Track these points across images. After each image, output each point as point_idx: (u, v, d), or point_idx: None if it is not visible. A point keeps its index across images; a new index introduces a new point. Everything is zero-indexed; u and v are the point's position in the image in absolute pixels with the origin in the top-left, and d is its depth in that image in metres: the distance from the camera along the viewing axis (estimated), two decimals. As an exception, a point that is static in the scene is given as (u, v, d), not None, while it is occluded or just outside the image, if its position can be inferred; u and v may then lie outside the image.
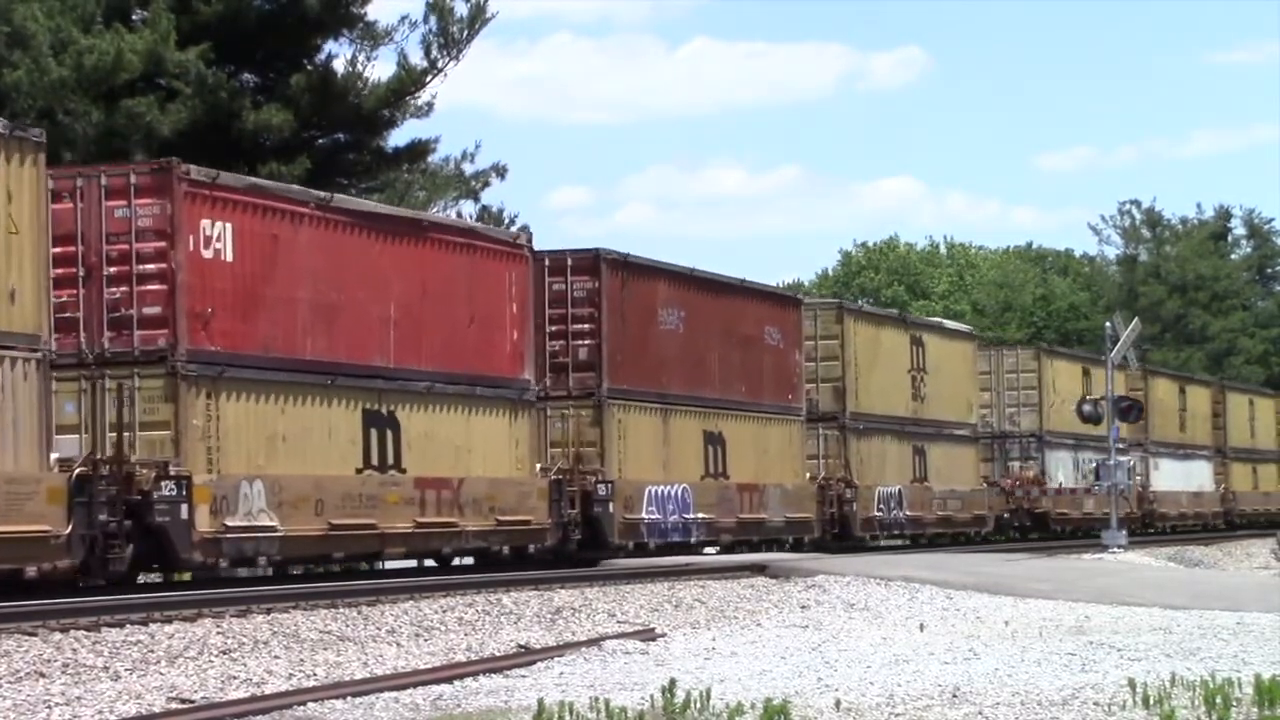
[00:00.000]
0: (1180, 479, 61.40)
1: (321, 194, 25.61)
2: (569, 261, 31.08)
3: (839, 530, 38.80)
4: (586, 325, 31.04)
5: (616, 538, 30.69)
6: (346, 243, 25.45)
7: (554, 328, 30.90)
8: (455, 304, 27.57)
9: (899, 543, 44.37)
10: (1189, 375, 70.67)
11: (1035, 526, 50.26)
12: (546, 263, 30.71)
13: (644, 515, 31.66)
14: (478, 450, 27.87)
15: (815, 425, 38.86)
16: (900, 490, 41.91)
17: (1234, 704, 11.98)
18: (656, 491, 32.17)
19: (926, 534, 43.43)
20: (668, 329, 33.00)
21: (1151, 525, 57.70)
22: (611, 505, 30.48)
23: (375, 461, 25.70)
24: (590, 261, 31.12)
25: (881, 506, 40.81)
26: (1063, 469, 52.10)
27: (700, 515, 33.41)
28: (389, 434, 26.02)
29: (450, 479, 27.00)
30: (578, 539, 29.88)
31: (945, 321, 47.73)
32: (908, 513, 41.99)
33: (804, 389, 38.00)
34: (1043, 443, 50.99)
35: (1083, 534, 51.47)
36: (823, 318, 39.66)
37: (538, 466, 29.32)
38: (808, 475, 38.09)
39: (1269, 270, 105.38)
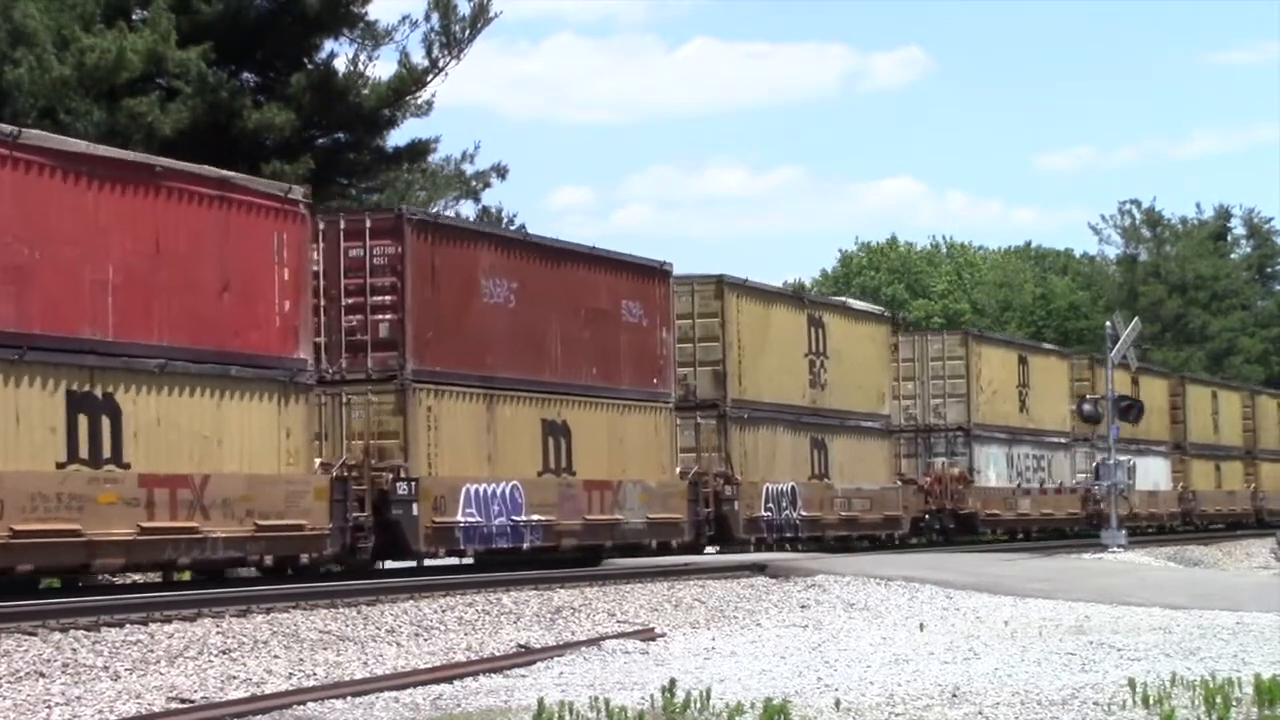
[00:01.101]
0: (1135, 478, 55.49)
1: (9, 128, 21.38)
2: (368, 223, 27.09)
3: (717, 533, 34.26)
4: (388, 297, 26.77)
5: (422, 544, 26.42)
6: (46, 189, 21.11)
7: (351, 300, 26.78)
8: (201, 267, 23.22)
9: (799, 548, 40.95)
10: (1144, 365, 64.84)
11: (961, 529, 45.37)
12: (343, 225, 27.04)
13: (459, 518, 27.03)
14: (232, 442, 23.45)
15: (692, 414, 34.26)
16: (794, 488, 36.86)
17: (1234, 704, 11.98)
18: (477, 490, 27.38)
19: (826, 537, 38.16)
20: (494, 303, 28.29)
21: (1100, 528, 53.97)
22: (416, 506, 26.15)
23: (84, 455, 21.30)
24: (392, 223, 26.97)
25: (770, 506, 35.86)
26: (994, 466, 47.39)
27: (535, 517, 28.57)
28: (105, 421, 21.69)
29: (190, 476, 22.55)
30: (368, 546, 25.72)
31: (851, 301, 42.78)
32: (803, 513, 36.96)
33: (674, 373, 33.01)
34: (971, 437, 45.98)
35: (1023, 536, 48.95)
36: (701, 293, 34.76)
37: (316, 462, 25.06)
38: (678, 470, 32.93)
39: (1269, 270, 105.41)
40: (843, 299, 41.35)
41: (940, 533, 44.75)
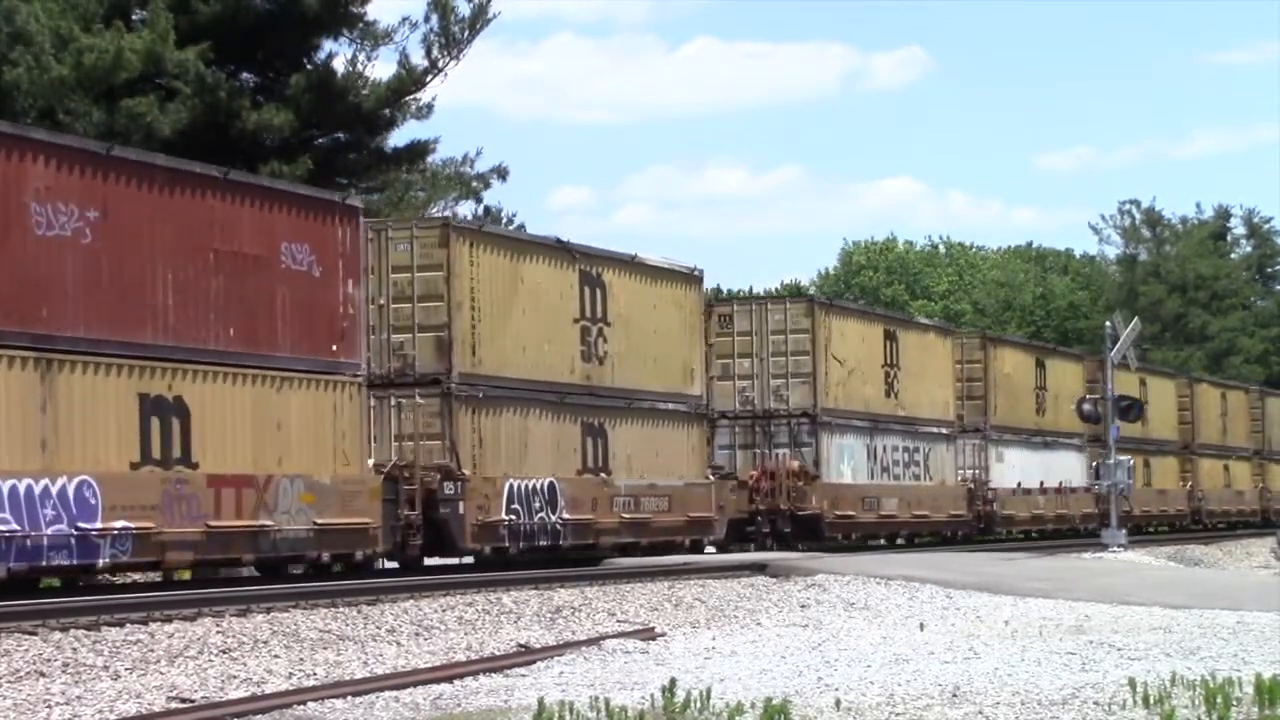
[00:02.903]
0: (1035, 473, 50.25)
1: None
2: None
3: (432, 541, 27.35)
4: None
5: None
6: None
7: None
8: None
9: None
10: (1049, 346, 59.79)
11: (802, 533, 37.88)
12: None
13: None
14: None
15: (408, 391, 27.55)
16: (554, 484, 29.61)
17: (1234, 703, 11.97)
18: (18, 489, 20.53)
19: (602, 544, 31.24)
20: (58, 236, 21.41)
21: (990, 531, 47.16)
22: None
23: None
24: None
25: (517, 507, 28.69)
26: (849, 459, 40.26)
27: (121, 524, 21.66)
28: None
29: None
30: None
31: (646, 256, 33.73)
32: (566, 515, 29.78)
33: (367, 339, 26.24)
34: (818, 424, 38.80)
35: (888, 542, 42.92)
36: (422, 241, 28.13)
37: None
38: (370, 463, 26.12)
39: (1269, 270, 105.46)
40: (633, 253, 33.02)
41: (773, 537, 37.55)
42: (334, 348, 25.50)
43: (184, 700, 13.41)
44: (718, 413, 37.85)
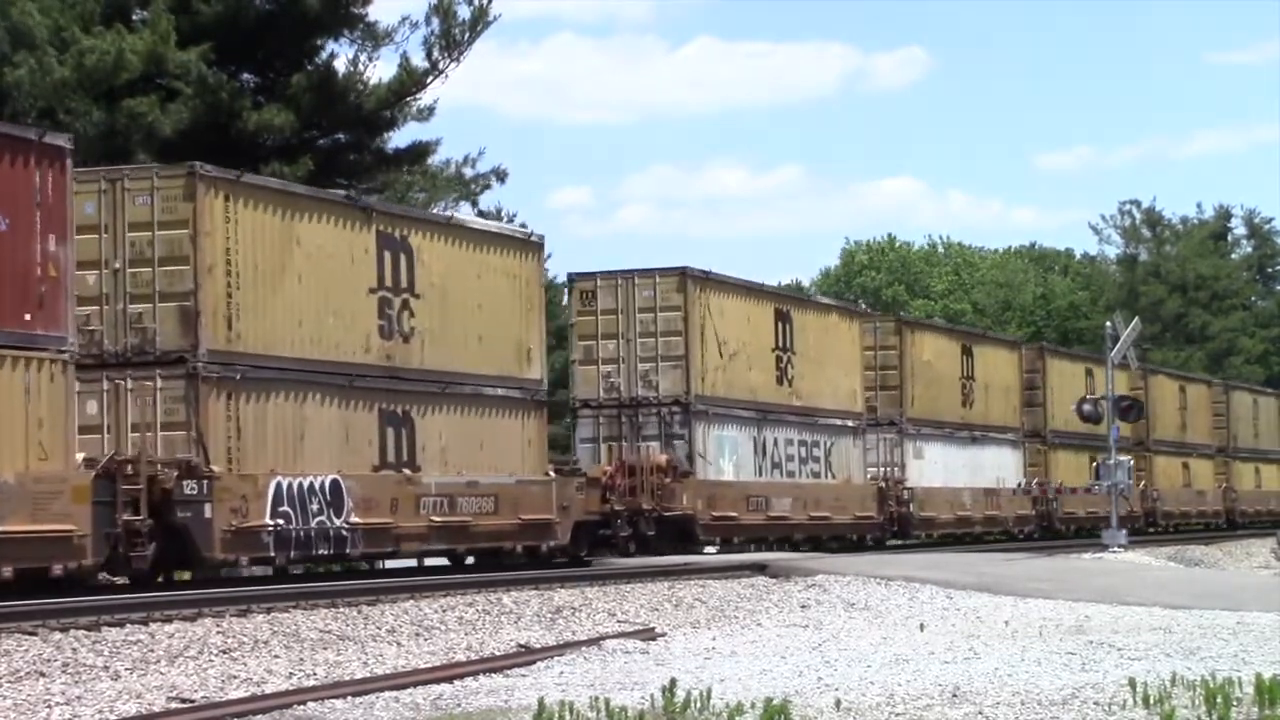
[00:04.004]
0: (961, 471, 45.92)
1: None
2: None
3: (173, 550, 23.18)
4: None
5: None
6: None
7: None
8: None
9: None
10: (977, 332, 54.88)
11: (670, 536, 33.59)
12: None
13: None
14: None
15: (148, 371, 23.49)
16: (339, 483, 25.27)
17: (1234, 703, 11.97)
18: None
19: (403, 551, 27.41)
20: None
21: (906, 534, 43.21)
22: None
23: None
24: None
25: (287, 510, 24.33)
26: (730, 453, 35.79)
27: None
28: None
29: None
30: None
31: (468, 218, 30.29)
32: (356, 519, 25.41)
33: (70, 305, 21.56)
34: (691, 414, 34.32)
35: (780, 545, 36.92)
36: (164, 194, 23.86)
37: None
38: (80, 457, 21.70)
39: (1269, 270, 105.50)
40: (450, 214, 28.96)
41: (633, 541, 33.05)
42: (27, 317, 21.02)
43: (184, 700, 13.41)
44: (579, 402, 34.49)
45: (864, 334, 42.33)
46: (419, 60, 40.69)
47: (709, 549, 35.03)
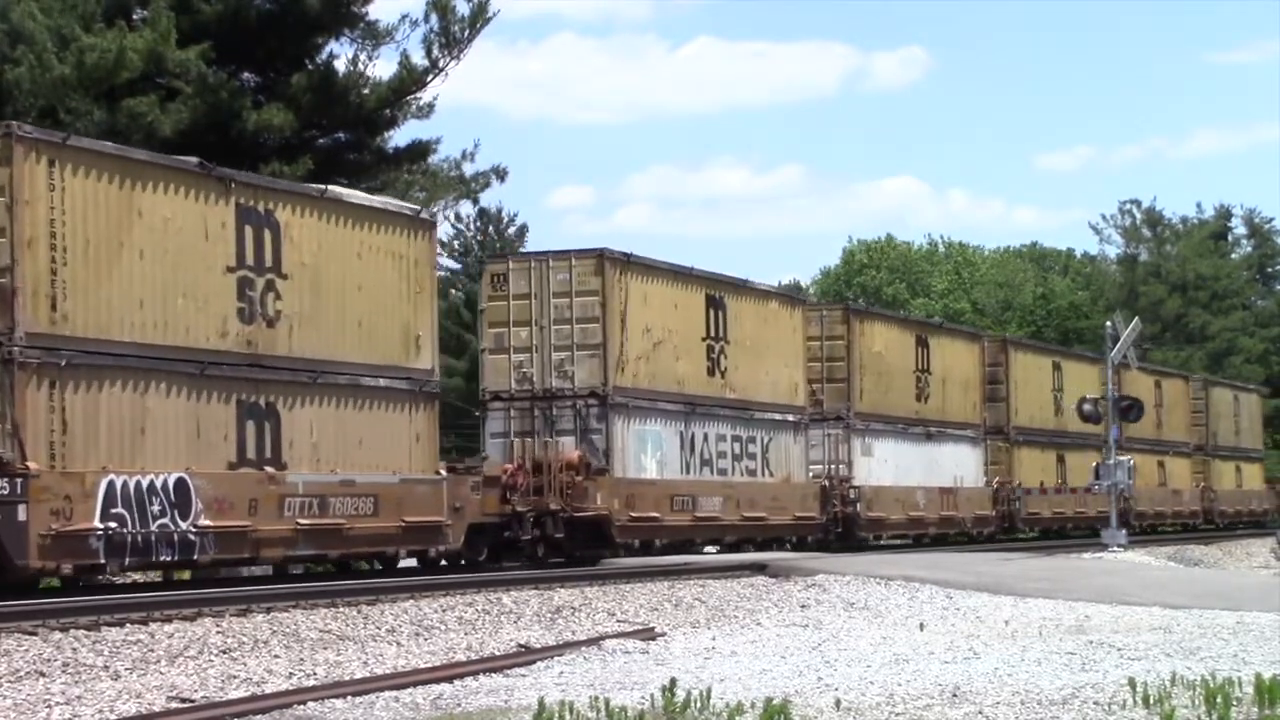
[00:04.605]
0: (915, 469, 43.46)
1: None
2: None
3: None
4: None
5: None
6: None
7: None
8: None
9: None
10: (934, 323, 51.95)
11: (582, 539, 30.87)
12: None
13: None
14: None
15: None
16: (184, 482, 22.87)
17: (1234, 703, 11.97)
18: None
19: (263, 557, 24.81)
20: None
21: (852, 535, 40.14)
22: None
23: None
24: None
25: (122, 512, 21.96)
26: (655, 449, 33.04)
27: None
28: None
29: None
30: None
31: (345, 191, 27.50)
32: (206, 522, 22.94)
33: None
34: (609, 407, 31.56)
35: (707, 549, 35.38)
36: None
37: None
38: None
39: (1269, 270, 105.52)
40: (324, 186, 27.01)
41: (543, 544, 30.52)
42: None
43: (184, 700, 13.41)
44: (489, 393, 31.95)
45: (808, 323, 39.74)
46: (419, 58, 40.76)
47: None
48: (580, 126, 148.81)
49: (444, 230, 58.27)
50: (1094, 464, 45.23)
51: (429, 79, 40.99)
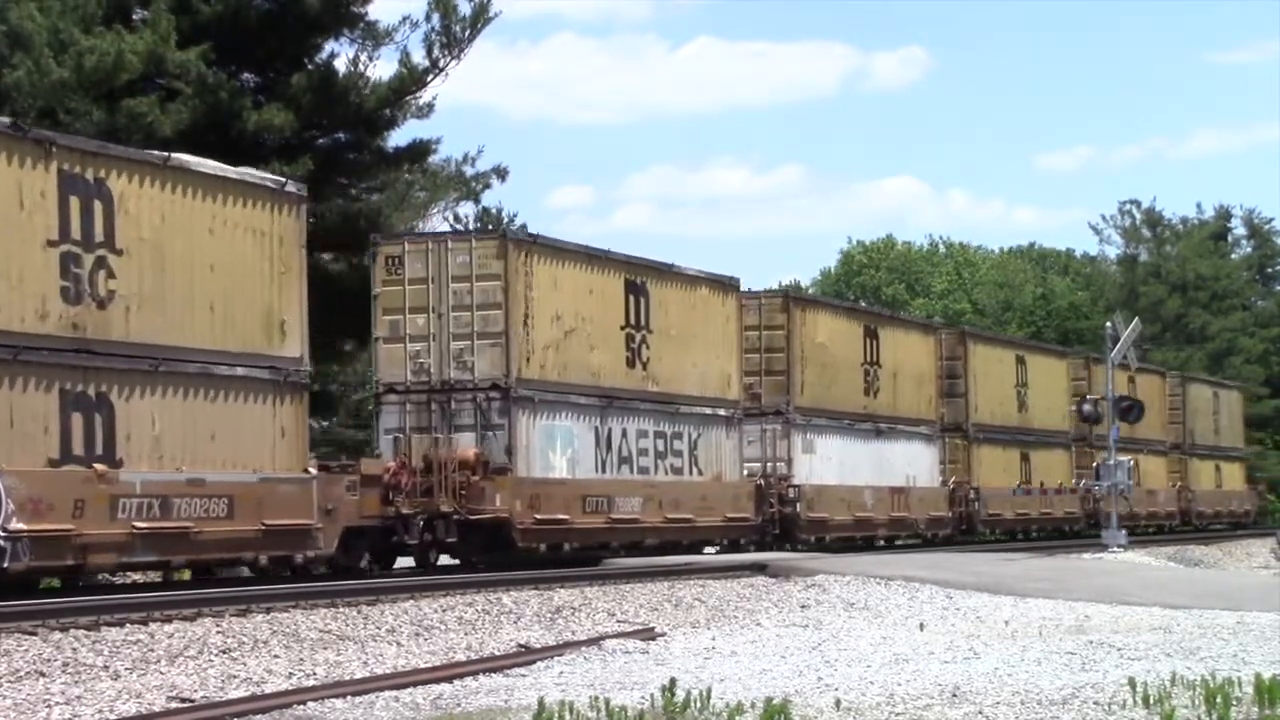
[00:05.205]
0: (863, 468, 40.91)
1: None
2: None
3: None
4: None
5: None
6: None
7: None
8: None
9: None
10: (883, 314, 49.37)
11: (479, 542, 28.93)
12: None
13: None
14: None
15: None
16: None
17: (1234, 703, 11.98)
18: None
19: (91, 565, 22.02)
20: None
21: (792, 537, 37.59)
22: None
23: None
24: None
25: None
26: (565, 446, 30.51)
27: None
28: None
29: None
30: None
31: (194, 160, 24.51)
32: (19, 525, 20.47)
33: None
34: (512, 400, 29.15)
35: (629, 551, 32.04)
36: None
37: None
38: None
39: (1269, 270, 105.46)
40: (168, 153, 24.24)
41: (434, 547, 28.66)
42: None
43: (184, 700, 13.42)
44: (384, 386, 29.76)
45: (745, 311, 37.05)
46: (419, 58, 40.73)
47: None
48: (580, 126, 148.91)
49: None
50: (1094, 464, 45.17)
51: (429, 79, 40.97)
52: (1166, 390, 61.21)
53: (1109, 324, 46.27)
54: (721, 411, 35.18)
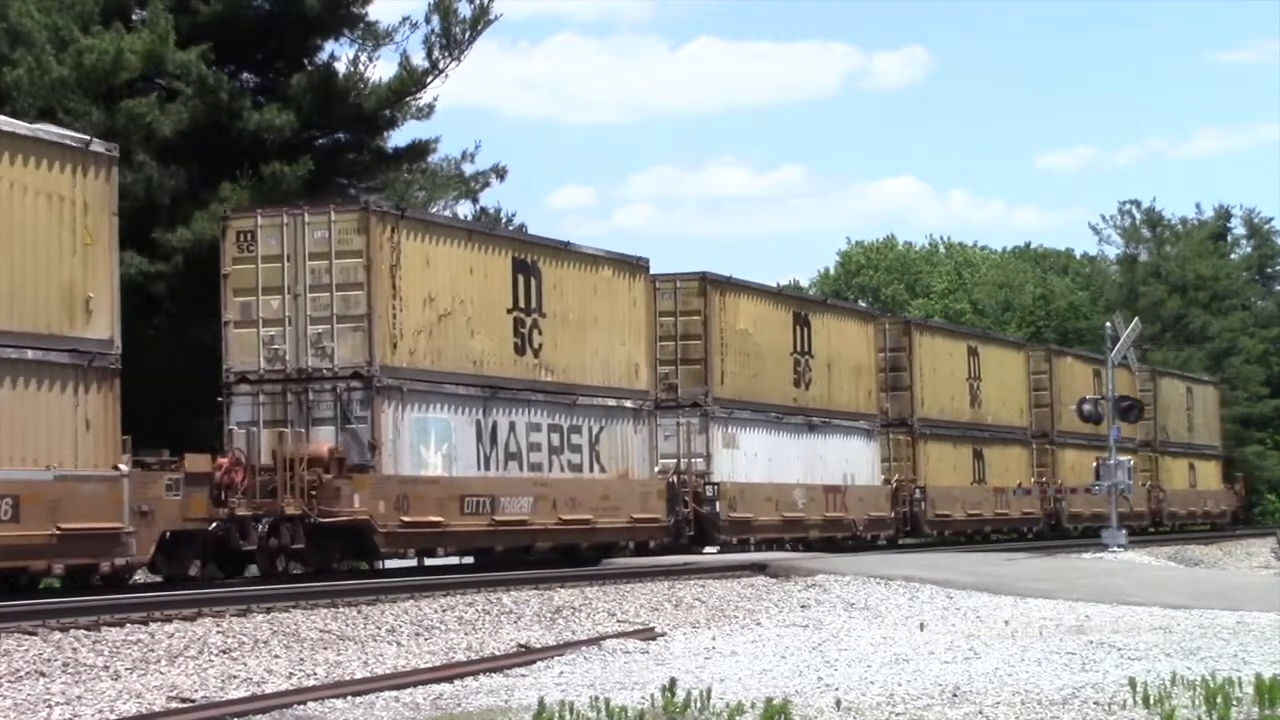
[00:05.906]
0: (793, 464, 38.28)
1: None
2: None
3: None
4: None
5: None
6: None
7: None
8: None
9: None
10: (817, 300, 47.41)
11: (332, 547, 26.37)
12: None
13: None
14: None
15: None
16: None
17: (1234, 703, 11.98)
18: None
19: None
20: None
21: (709, 539, 34.97)
22: None
23: None
24: None
25: None
26: (440, 441, 27.66)
27: None
28: None
29: None
30: None
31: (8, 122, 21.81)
32: None
33: None
34: (376, 390, 26.40)
35: (522, 554, 29.73)
36: None
37: None
38: None
39: (1269, 270, 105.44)
40: None
41: (281, 555, 25.70)
42: None
43: (184, 700, 13.41)
44: (235, 375, 26.99)
45: (658, 295, 34.62)
46: (419, 59, 40.76)
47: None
48: (581, 127, 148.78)
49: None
50: (1094, 463, 45.12)
51: (429, 80, 41.00)
52: (1136, 385, 56.96)
53: (1109, 324, 46.26)
54: (628, 403, 32.21)
